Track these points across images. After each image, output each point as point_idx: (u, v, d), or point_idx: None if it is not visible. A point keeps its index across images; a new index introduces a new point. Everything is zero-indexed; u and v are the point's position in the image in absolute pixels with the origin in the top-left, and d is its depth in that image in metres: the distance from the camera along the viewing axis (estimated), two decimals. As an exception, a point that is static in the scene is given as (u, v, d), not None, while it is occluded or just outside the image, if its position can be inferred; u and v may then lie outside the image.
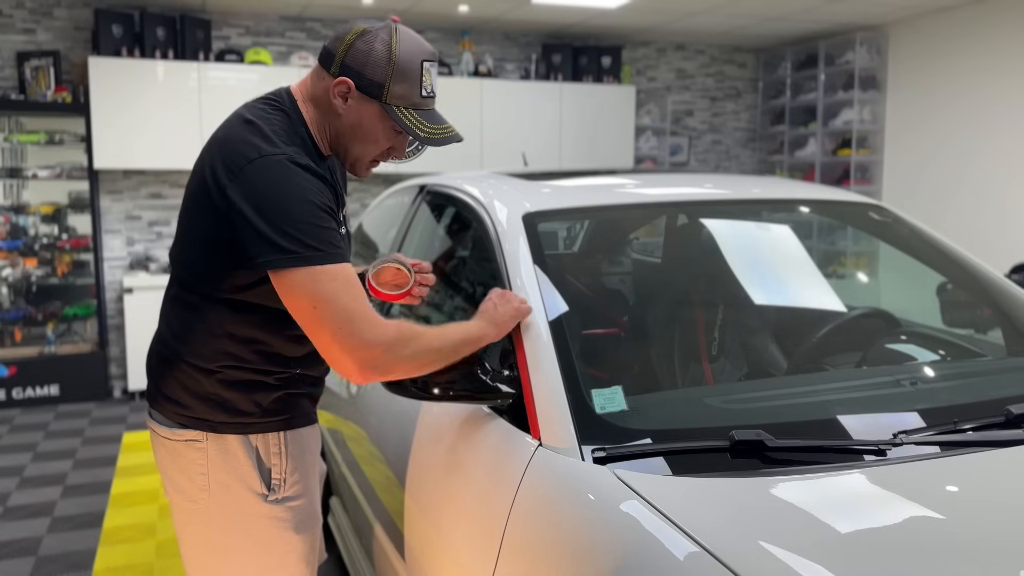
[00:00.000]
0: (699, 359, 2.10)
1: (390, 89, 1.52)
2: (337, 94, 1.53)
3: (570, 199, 2.23)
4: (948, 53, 6.11)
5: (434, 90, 1.58)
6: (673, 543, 1.18)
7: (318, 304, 1.40)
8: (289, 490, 1.65)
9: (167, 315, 1.65)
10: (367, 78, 1.51)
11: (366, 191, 6.63)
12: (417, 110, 1.55)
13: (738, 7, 5.95)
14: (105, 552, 3.38)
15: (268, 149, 1.46)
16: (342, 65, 1.53)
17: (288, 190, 1.43)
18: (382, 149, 1.61)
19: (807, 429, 1.53)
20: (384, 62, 1.51)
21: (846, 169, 6.88)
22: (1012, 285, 2.18)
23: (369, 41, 1.51)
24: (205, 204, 1.49)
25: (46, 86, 5.59)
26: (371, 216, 3.63)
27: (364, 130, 1.57)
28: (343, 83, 1.52)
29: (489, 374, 1.62)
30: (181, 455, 1.61)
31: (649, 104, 7.38)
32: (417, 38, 1.57)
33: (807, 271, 2.49)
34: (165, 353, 1.63)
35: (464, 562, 1.56)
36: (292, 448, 1.65)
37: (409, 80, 1.53)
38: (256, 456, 1.61)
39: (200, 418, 1.59)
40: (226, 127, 1.55)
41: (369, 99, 1.53)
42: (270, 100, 1.59)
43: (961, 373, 1.94)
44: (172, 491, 1.66)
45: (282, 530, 1.64)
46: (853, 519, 1.24)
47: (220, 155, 1.49)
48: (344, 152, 1.62)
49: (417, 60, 1.53)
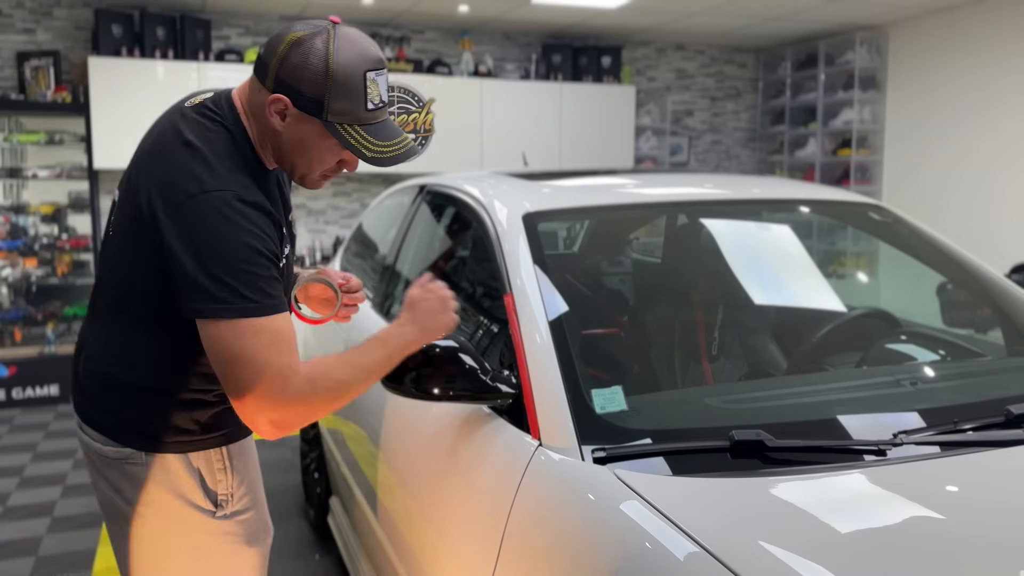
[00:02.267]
0: (699, 359, 2.10)
1: (330, 106, 1.39)
2: (274, 112, 1.41)
3: (570, 199, 2.23)
4: (948, 53, 6.11)
5: (384, 99, 1.45)
6: (673, 543, 1.18)
7: (236, 360, 1.33)
8: (238, 504, 1.60)
9: (98, 333, 1.56)
10: (304, 95, 1.38)
11: (366, 191, 6.63)
12: (363, 126, 1.43)
13: (738, 7, 5.95)
14: (105, 552, 3.38)
15: (211, 184, 1.36)
16: (276, 80, 1.39)
17: (227, 232, 1.34)
18: (330, 164, 1.50)
19: (807, 429, 1.53)
20: (321, 77, 1.37)
21: (846, 169, 6.88)
22: (1012, 285, 2.18)
23: (304, 53, 1.37)
24: (141, 232, 1.41)
25: (46, 86, 5.59)
26: (371, 216, 3.63)
27: (307, 148, 1.45)
28: (279, 100, 1.40)
29: (489, 374, 1.62)
30: (121, 475, 1.54)
31: (649, 104, 7.38)
32: (359, 44, 1.41)
33: (807, 271, 2.49)
34: (99, 371, 1.55)
35: (464, 562, 1.56)
36: (236, 462, 1.60)
37: (351, 95, 1.39)
38: (199, 473, 1.55)
39: (139, 437, 1.52)
40: (162, 144, 1.44)
41: (309, 117, 1.40)
42: (210, 113, 1.46)
43: (961, 373, 1.94)
44: (113, 514, 1.58)
45: (234, 545, 1.59)
46: (853, 519, 1.24)
47: (158, 184, 1.39)
48: (290, 168, 1.51)
49: (359, 71, 1.39)
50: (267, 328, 1.35)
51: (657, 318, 2.25)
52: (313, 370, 1.38)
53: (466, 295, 2.36)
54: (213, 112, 1.46)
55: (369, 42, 1.44)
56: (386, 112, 1.48)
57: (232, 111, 1.47)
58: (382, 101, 1.45)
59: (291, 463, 4.38)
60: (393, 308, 2.64)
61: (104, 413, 1.55)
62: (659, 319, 2.24)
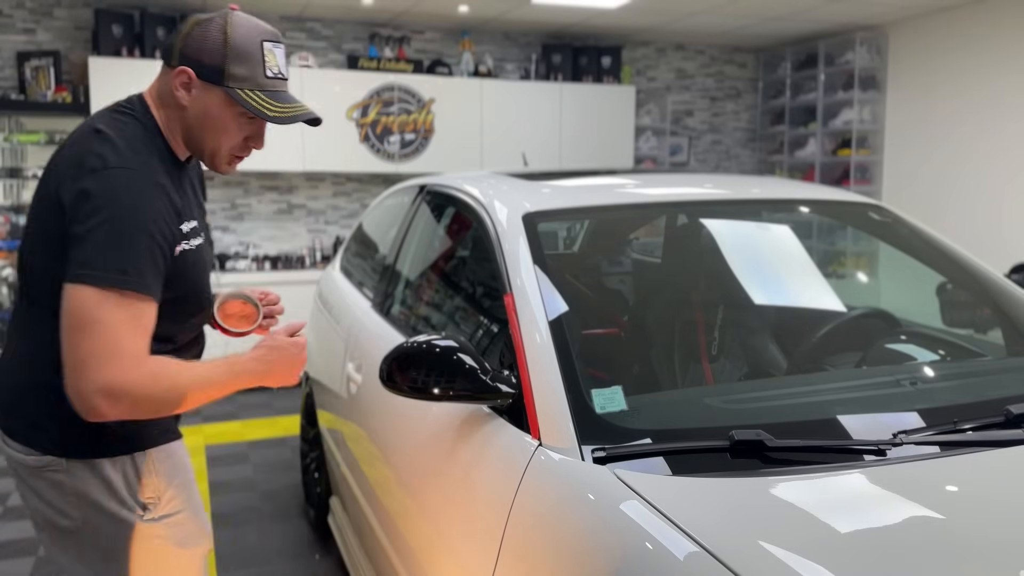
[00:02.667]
0: (699, 359, 2.10)
1: (229, 71, 1.49)
2: (179, 85, 1.50)
3: (570, 199, 2.23)
4: (948, 53, 6.11)
5: (283, 72, 1.55)
6: (673, 543, 1.18)
7: (90, 327, 1.33)
8: (166, 507, 1.59)
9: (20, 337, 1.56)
10: (206, 64, 1.49)
11: (366, 191, 6.63)
12: (263, 91, 1.52)
13: (738, 7, 5.95)
14: (105, 552, 3.38)
15: (114, 161, 1.42)
16: (180, 55, 1.50)
17: (120, 206, 1.38)
18: (236, 140, 1.56)
19: (807, 429, 1.53)
20: (220, 45, 1.49)
21: (846, 169, 6.88)
22: (1012, 285, 2.18)
23: (204, 28, 1.50)
24: (50, 220, 1.43)
25: (46, 86, 5.59)
26: (371, 216, 3.63)
27: (212, 119, 1.52)
28: (183, 72, 1.49)
29: (489, 374, 1.62)
30: (47, 485, 1.52)
31: (649, 104, 7.38)
32: (256, 21, 1.55)
33: (807, 271, 2.49)
34: (20, 377, 1.54)
35: (464, 562, 1.56)
36: (161, 465, 1.59)
37: (250, 61, 1.50)
38: (124, 477, 1.54)
39: (58, 443, 1.50)
40: (74, 140, 1.50)
41: (211, 86, 1.50)
42: (121, 108, 1.54)
43: (961, 373, 1.94)
44: (44, 525, 1.56)
45: (167, 547, 1.58)
46: (853, 519, 1.24)
47: (66, 165, 1.45)
48: (199, 147, 1.57)
49: (256, 40, 1.51)
50: (131, 306, 1.37)
51: (657, 318, 2.25)
52: (158, 366, 1.40)
53: (466, 295, 2.36)
54: (125, 107, 1.55)
55: (265, 23, 1.57)
56: (286, 86, 1.57)
57: (143, 105, 1.55)
58: (281, 73, 1.55)
59: (291, 463, 4.38)
60: (393, 308, 2.64)
61: (22, 421, 1.54)
62: (659, 319, 2.24)
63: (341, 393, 2.72)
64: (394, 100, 6.24)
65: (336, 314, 3.17)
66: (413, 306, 2.58)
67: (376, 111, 6.20)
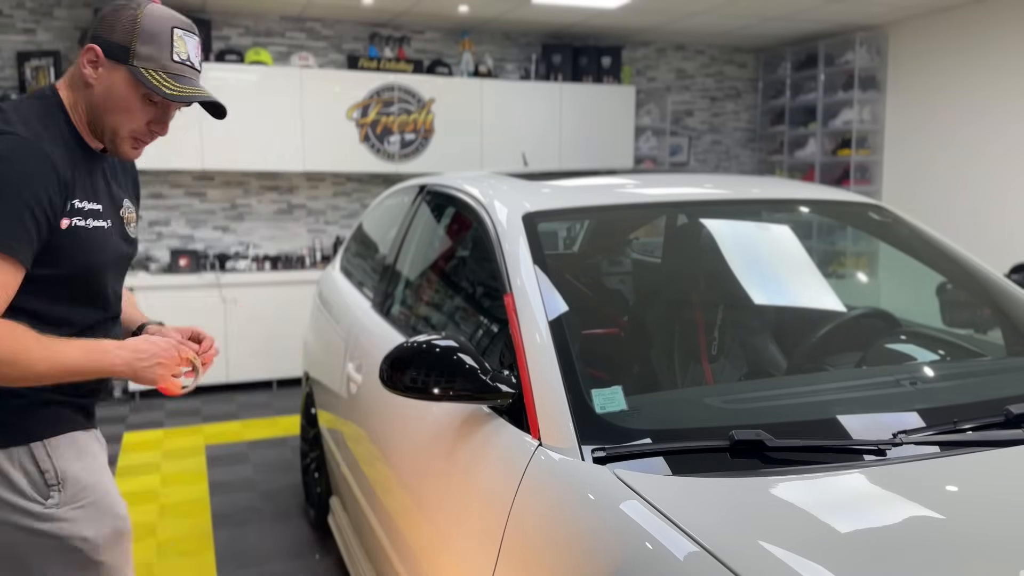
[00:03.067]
0: (699, 359, 2.10)
1: (136, 51, 1.53)
2: (86, 62, 1.54)
3: (570, 199, 2.23)
4: (948, 53, 6.11)
5: (192, 60, 1.58)
6: (673, 543, 1.18)
7: None
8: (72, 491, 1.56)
9: None
10: (113, 42, 1.53)
11: (366, 191, 6.63)
12: (168, 73, 1.55)
13: (738, 7, 5.95)
14: (105, 552, 3.38)
15: (3, 128, 1.46)
16: (91, 34, 1.55)
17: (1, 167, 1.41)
18: (139, 123, 1.58)
19: (807, 429, 1.53)
20: (130, 25, 1.53)
21: (846, 169, 6.88)
22: (1012, 285, 2.18)
23: (118, 10, 1.55)
24: None
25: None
26: (371, 216, 3.63)
27: (115, 99, 1.55)
28: (91, 50, 1.53)
29: (489, 374, 1.62)
30: None
31: (649, 104, 7.38)
32: (172, 12, 1.59)
33: (807, 271, 2.49)
34: None
35: (464, 562, 1.56)
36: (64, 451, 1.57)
37: (157, 43, 1.54)
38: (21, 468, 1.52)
39: None
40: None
41: (117, 64, 1.53)
42: (34, 92, 1.60)
43: (961, 373, 1.94)
44: None
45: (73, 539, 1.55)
46: (853, 519, 1.24)
47: None
48: (101, 127, 1.59)
49: (166, 25, 1.55)
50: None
51: (657, 318, 2.25)
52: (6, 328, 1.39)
53: (466, 295, 2.36)
54: (37, 92, 1.60)
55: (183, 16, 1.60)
56: (196, 77, 1.60)
57: (52, 89, 1.59)
58: (191, 61, 1.58)
59: (291, 463, 4.38)
60: (393, 308, 2.64)
61: None
62: (659, 319, 2.24)
63: (341, 393, 2.73)
64: (394, 100, 6.24)
65: (336, 314, 3.17)
66: (413, 306, 2.58)
67: (376, 111, 6.20)
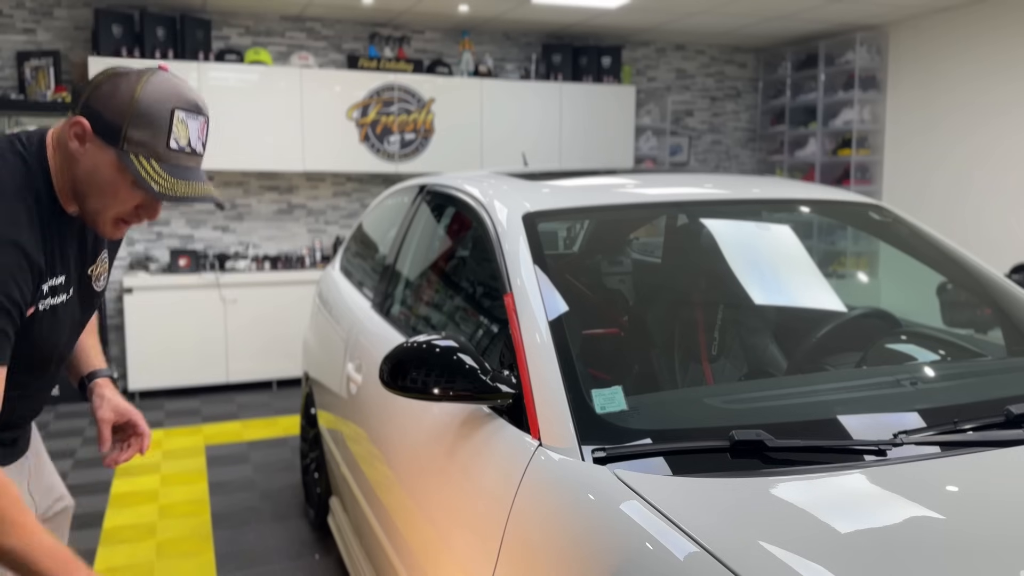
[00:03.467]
0: (699, 359, 2.10)
1: (127, 134, 1.36)
2: (72, 135, 1.38)
3: (570, 199, 2.23)
4: (948, 53, 6.11)
5: (192, 145, 1.41)
6: (673, 543, 1.18)
7: None
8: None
9: None
10: (105, 119, 1.36)
11: (366, 191, 6.63)
12: (160, 162, 1.38)
13: (738, 7, 5.95)
14: (105, 552, 3.38)
15: None
16: (83, 105, 1.38)
17: None
18: (125, 207, 1.43)
19: (807, 429, 1.53)
20: (125, 103, 1.35)
21: (846, 169, 6.88)
22: (1012, 285, 2.18)
23: (116, 83, 1.37)
24: None
25: (46, 86, 5.59)
26: (371, 216, 3.63)
27: (100, 180, 1.39)
28: (78, 123, 1.37)
29: (489, 374, 1.62)
30: None
31: (649, 104, 7.38)
32: (178, 87, 1.40)
33: (807, 271, 2.49)
34: None
35: (464, 562, 1.56)
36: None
37: (152, 126, 1.36)
38: None
39: None
40: None
41: (106, 145, 1.37)
42: (16, 144, 1.43)
43: (961, 373, 1.94)
44: None
45: None
46: (853, 519, 1.24)
47: None
48: (83, 204, 1.44)
49: (166, 106, 1.37)
50: None
51: (657, 318, 2.25)
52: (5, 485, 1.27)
53: (466, 295, 2.36)
54: (20, 143, 1.44)
55: (190, 89, 1.41)
56: (195, 161, 1.43)
57: (40, 145, 1.44)
58: (191, 146, 1.41)
59: (291, 463, 4.38)
60: (393, 308, 2.64)
61: None
62: (659, 319, 2.24)
63: (341, 393, 2.73)
64: (394, 100, 6.24)
65: (336, 314, 3.17)
66: (413, 306, 2.58)
67: (376, 111, 6.20)
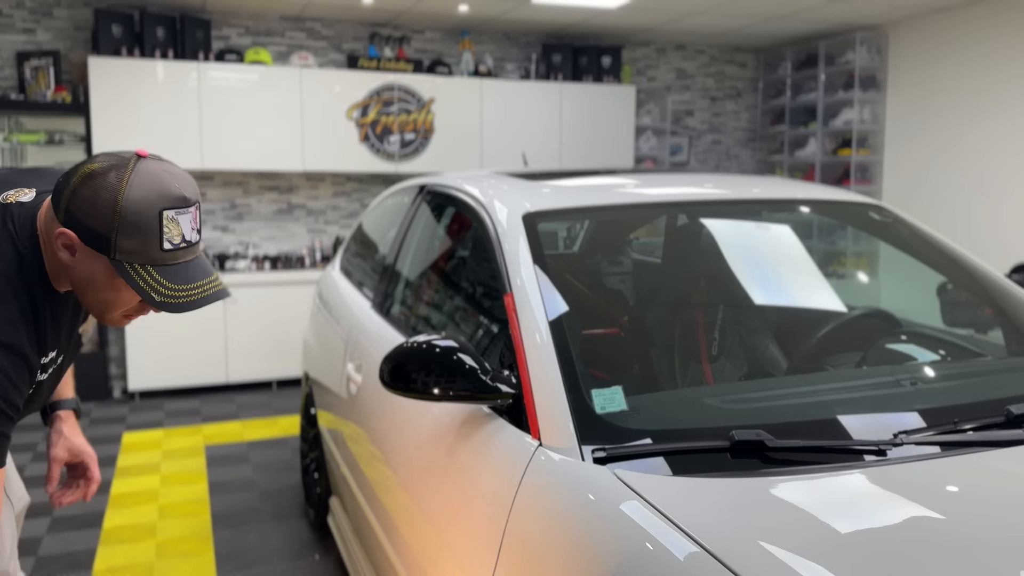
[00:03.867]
0: (699, 359, 2.10)
1: (118, 244, 1.30)
2: (62, 246, 1.33)
3: (570, 199, 2.23)
4: (948, 53, 6.11)
5: (187, 239, 1.34)
6: (673, 543, 1.18)
7: None
8: None
9: None
10: (91, 230, 1.30)
11: (366, 191, 6.63)
12: (158, 267, 1.32)
13: (738, 7, 5.95)
14: (105, 552, 3.38)
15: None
16: (66, 212, 1.31)
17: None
18: (130, 304, 1.40)
19: (807, 429, 1.53)
20: (109, 212, 1.28)
21: (846, 169, 6.88)
22: (1012, 285, 2.18)
23: (95, 187, 1.29)
24: None
25: (46, 86, 5.59)
26: (371, 216, 3.63)
27: (97, 286, 1.36)
28: (65, 235, 1.31)
29: (489, 374, 1.62)
30: None
31: (649, 104, 7.38)
32: (160, 180, 1.32)
33: (807, 271, 2.49)
34: None
35: (464, 562, 1.56)
36: None
37: (143, 233, 1.30)
38: None
39: None
40: None
41: (97, 253, 1.32)
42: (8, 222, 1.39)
43: (961, 373, 1.94)
44: None
45: None
46: (853, 519, 1.24)
47: None
48: (86, 302, 1.41)
49: (153, 210, 1.29)
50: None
51: (657, 318, 2.25)
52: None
53: (466, 295, 2.36)
54: (12, 223, 1.40)
55: (175, 177, 1.34)
56: (193, 252, 1.37)
57: (32, 230, 1.40)
58: (185, 241, 1.34)
59: (291, 463, 4.38)
60: (393, 308, 2.64)
61: None
62: (659, 319, 2.23)
63: (341, 393, 2.72)
64: (394, 100, 6.24)
65: (336, 314, 3.17)
66: (413, 306, 2.58)
67: (376, 111, 6.20)
